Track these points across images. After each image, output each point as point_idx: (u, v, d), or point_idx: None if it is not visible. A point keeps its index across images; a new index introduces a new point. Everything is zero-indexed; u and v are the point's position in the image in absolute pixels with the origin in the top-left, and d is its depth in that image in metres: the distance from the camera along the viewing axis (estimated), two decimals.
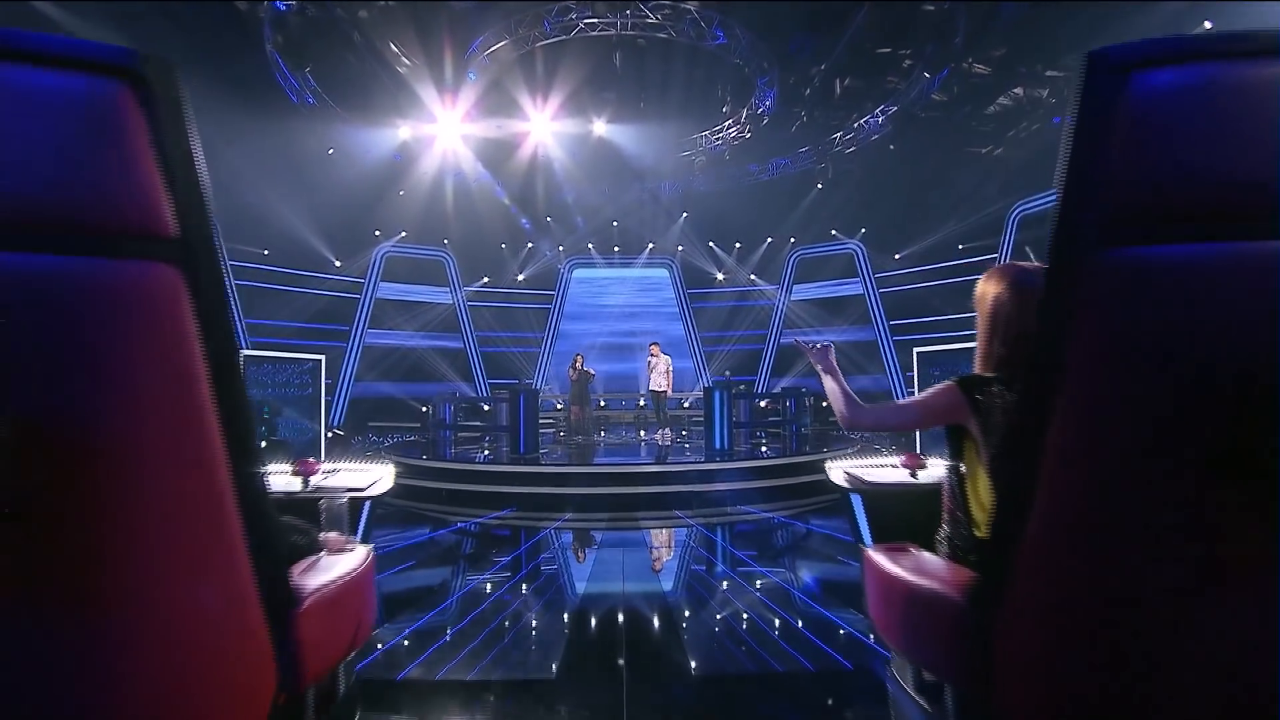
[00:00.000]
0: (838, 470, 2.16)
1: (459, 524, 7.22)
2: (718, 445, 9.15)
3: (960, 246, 15.46)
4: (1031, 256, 13.97)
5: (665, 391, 11.22)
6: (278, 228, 14.61)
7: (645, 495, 7.80)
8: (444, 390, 13.19)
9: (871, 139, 14.05)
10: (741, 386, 17.91)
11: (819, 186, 15.99)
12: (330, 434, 11.68)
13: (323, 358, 14.44)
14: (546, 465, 8.50)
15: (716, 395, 9.20)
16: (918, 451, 2.21)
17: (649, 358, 11.30)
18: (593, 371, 11.88)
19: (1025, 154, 13.87)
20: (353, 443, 14.15)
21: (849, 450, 9.80)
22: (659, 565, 5.65)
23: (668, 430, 11.70)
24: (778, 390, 16.08)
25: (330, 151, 13.22)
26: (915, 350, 14.69)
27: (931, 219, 15.55)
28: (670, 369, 11.25)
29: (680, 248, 19.66)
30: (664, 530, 7.23)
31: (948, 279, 15.75)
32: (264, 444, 11.05)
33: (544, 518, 7.37)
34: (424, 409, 11.73)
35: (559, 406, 16.22)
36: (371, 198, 15.46)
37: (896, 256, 16.96)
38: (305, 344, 15.03)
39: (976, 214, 14.76)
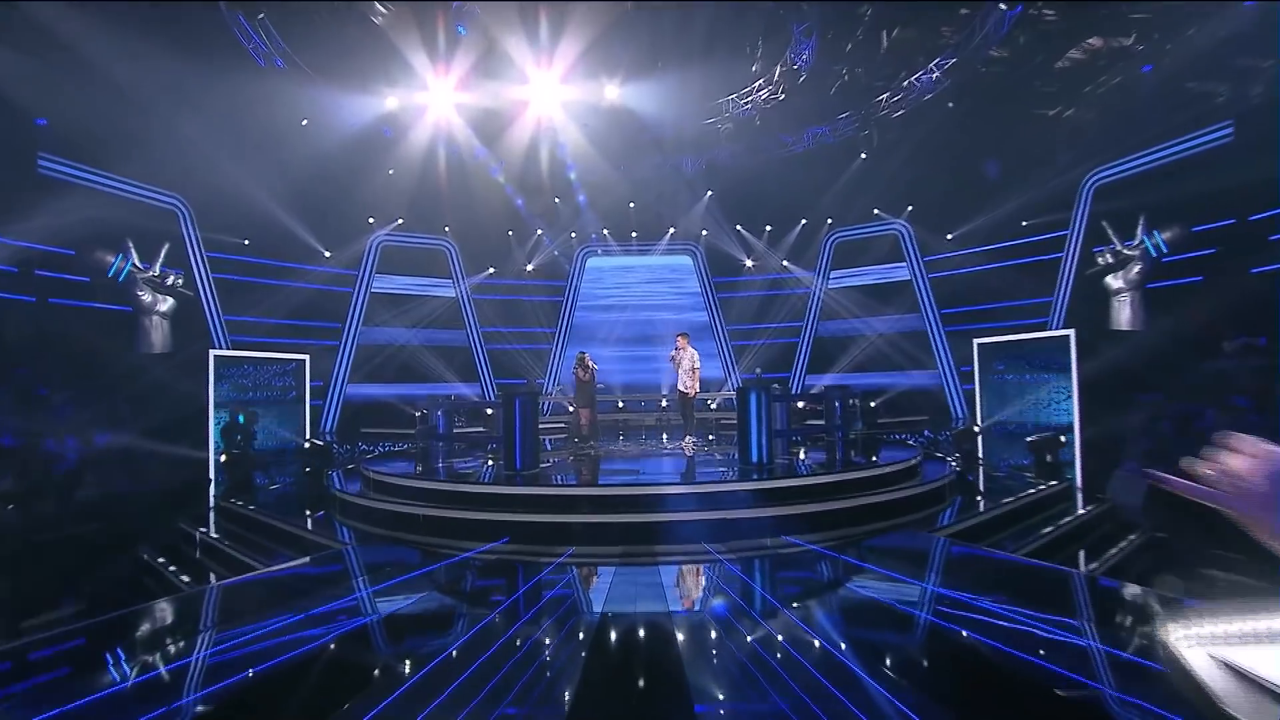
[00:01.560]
0: (1199, 654, 0.83)
1: (441, 561, 5.95)
2: (755, 458, 7.80)
3: (1024, 223, 13.87)
4: (1110, 232, 12.37)
5: (692, 392, 9.91)
6: (259, 214, 13.53)
7: (668, 525, 6.49)
8: (438, 393, 11.98)
9: (924, 99, 12.53)
10: (776, 386, 16.46)
11: (862, 157, 14.46)
12: (308, 443, 10.53)
13: (306, 357, 13.36)
14: (547, 486, 7.22)
15: (753, 398, 7.84)
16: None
17: (673, 351, 10.00)
18: (594, 364, 10.59)
19: (1103, 113, 12.26)
20: (337, 452, 13.01)
21: (912, 460, 8.38)
22: (687, 627, 4.33)
23: (692, 438, 10.38)
24: (817, 389, 14.64)
25: (304, 122, 12.03)
26: (975, 341, 13.25)
27: (990, 192, 13.97)
28: (697, 365, 9.94)
29: (704, 232, 18.27)
30: (691, 570, 5.91)
31: (1010, 260, 14.18)
32: (224, 458, 9.91)
33: (542, 554, 6.10)
34: (417, 414, 10.53)
35: (571, 409, 14.96)
36: (360, 178, 14.30)
37: (949, 236, 15.41)
38: (291, 343, 13.96)
39: (1044, 184, 13.17)
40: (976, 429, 10.66)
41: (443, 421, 11.48)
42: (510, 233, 17.92)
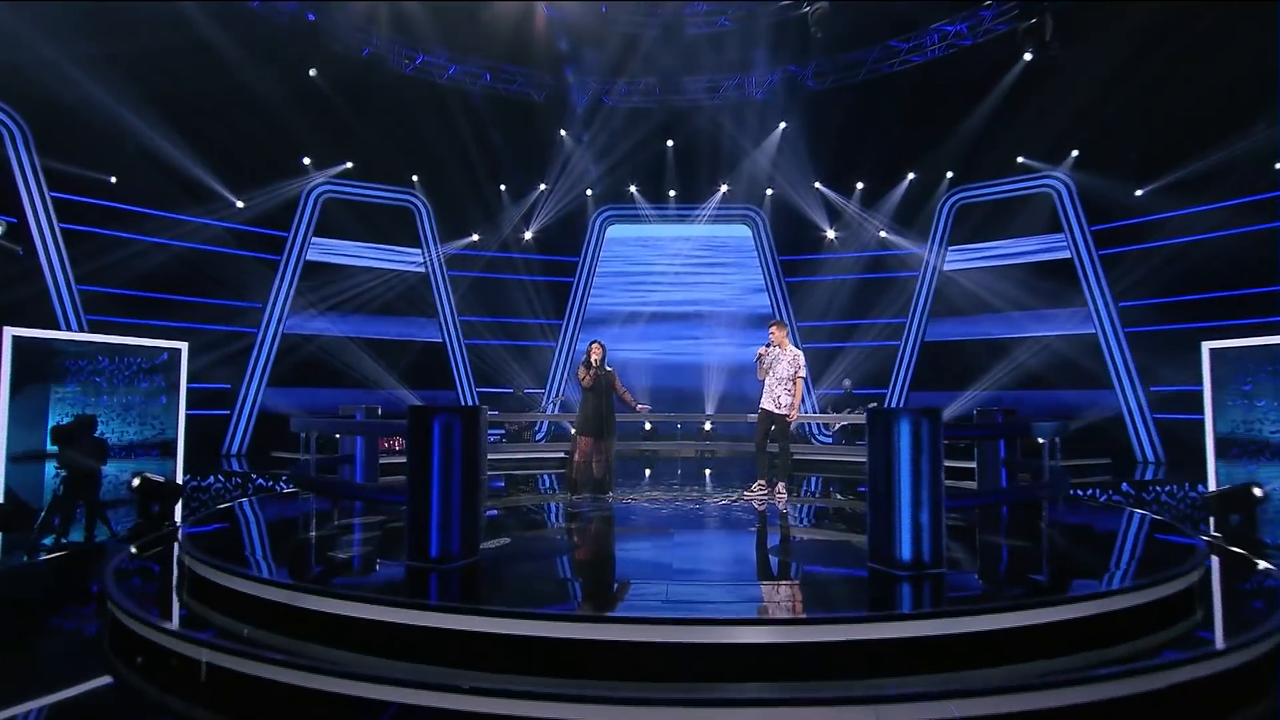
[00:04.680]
0: None
1: None
2: (905, 552, 4.34)
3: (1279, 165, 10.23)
4: None
5: (793, 415, 7.22)
6: (133, 141, 10.68)
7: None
8: (340, 404, 8.90)
9: None
10: (874, 405, 13.00)
11: (1026, 59, 10.80)
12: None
13: (183, 346, 10.31)
14: (475, 613, 3.80)
15: (905, 434, 4.39)
16: None
17: (764, 348, 7.28)
18: (599, 360, 7.36)
19: None
20: (221, 487, 9.89)
21: (1199, 569, 4.79)
22: None
23: (783, 490, 7.27)
24: (962, 414, 11.11)
25: None
26: (1205, 346, 9.59)
27: (1215, 122, 10.35)
28: (802, 373, 7.25)
29: (769, 191, 14.92)
30: None
31: (1248, 226, 10.50)
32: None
33: None
34: (301, 437, 7.40)
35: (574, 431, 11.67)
36: (282, 94, 11.26)
37: (1139, 193, 11.77)
38: (172, 327, 10.99)
39: None
40: (1258, 491, 7.01)
41: (363, 453, 8.37)
42: (503, 187, 14.77)
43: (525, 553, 5.23)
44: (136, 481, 7.44)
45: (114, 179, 10.95)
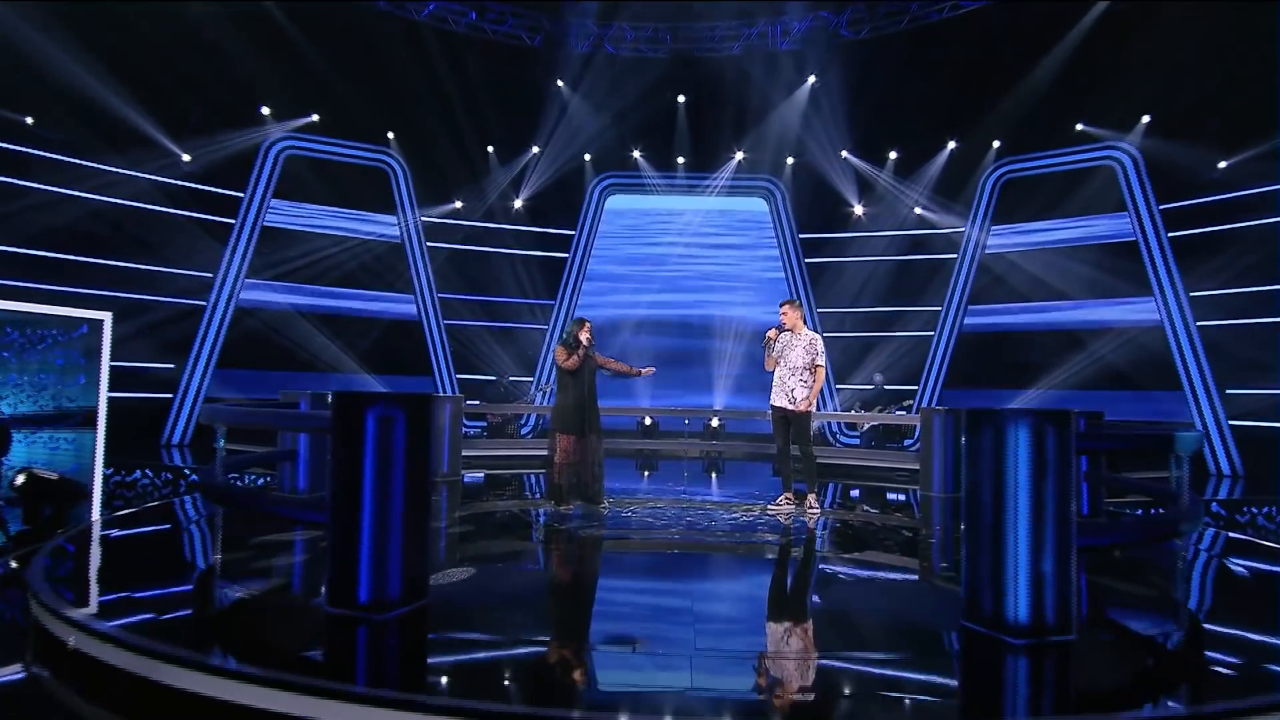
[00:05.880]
0: None
1: None
2: (1022, 613, 3.21)
3: None
4: None
5: (805, 406, 6.13)
6: (57, 78, 9.50)
7: None
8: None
9: None
10: (907, 404, 11.96)
11: (1102, 3, 9.59)
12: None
13: (106, 317, 9.14)
14: (424, 713, 2.64)
15: (1022, 443, 3.24)
16: None
17: (773, 330, 6.24)
18: (590, 342, 6.24)
19: None
20: (115, 485, 8.75)
21: None
22: None
23: (814, 503, 6.22)
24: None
25: None
26: None
27: None
28: (820, 361, 6.20)
29: (791, 160, 13.76)
30: None
31: None
32: None
33: None
34: (219, 431, 6.23)
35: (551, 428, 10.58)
36: (236, 31, 10.11)
37: (1222, 165, 10.63)
38: (97, 297, 9.86)
39: None
40: None
41: (307, 450, 7.26)
42: (490, 149, 13.58)
43: (493, 594, 4.05)
44: (21, 479, 6.27)
45: (30, 119, 9.75)
